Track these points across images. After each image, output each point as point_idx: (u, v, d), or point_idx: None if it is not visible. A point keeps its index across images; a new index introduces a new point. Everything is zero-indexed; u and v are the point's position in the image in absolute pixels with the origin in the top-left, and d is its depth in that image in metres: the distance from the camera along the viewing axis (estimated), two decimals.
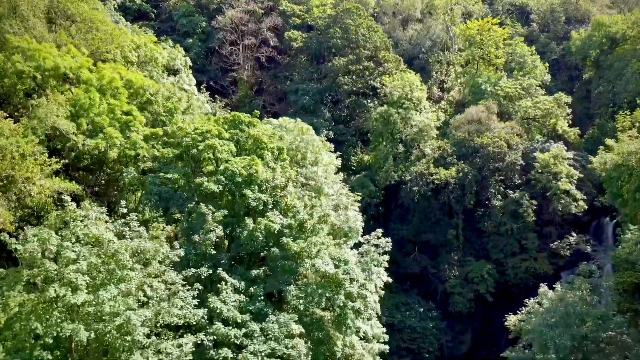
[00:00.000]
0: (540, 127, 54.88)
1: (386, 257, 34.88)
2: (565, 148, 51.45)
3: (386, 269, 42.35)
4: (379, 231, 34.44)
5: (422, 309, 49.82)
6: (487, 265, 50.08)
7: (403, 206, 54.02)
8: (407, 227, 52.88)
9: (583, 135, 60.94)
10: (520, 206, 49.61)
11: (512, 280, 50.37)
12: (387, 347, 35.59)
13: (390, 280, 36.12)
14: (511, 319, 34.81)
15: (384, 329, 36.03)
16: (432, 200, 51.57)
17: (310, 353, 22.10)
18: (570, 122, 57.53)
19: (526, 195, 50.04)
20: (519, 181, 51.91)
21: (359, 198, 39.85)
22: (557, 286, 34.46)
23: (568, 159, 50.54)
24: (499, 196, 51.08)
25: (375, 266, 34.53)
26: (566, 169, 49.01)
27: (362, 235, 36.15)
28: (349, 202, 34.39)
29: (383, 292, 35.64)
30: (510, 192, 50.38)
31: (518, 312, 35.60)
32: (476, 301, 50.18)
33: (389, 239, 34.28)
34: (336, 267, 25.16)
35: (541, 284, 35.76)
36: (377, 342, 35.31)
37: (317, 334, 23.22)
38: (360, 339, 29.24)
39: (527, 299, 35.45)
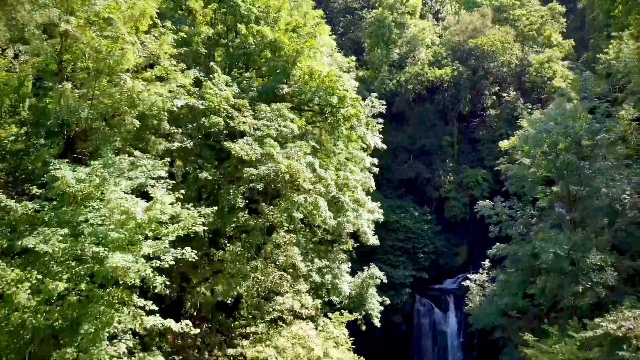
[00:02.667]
0: (535, 37, 54.73)
1: (380, 120, 34.48)
2: (560, 55, 51.43)
3: (381, 176, 41.82)
4: (374, 94, 34.05)
5: (417, 213, 49.61)
6: (482, 171, 49.91)
7: (398, 116, 53.67)
8: (402, 135, 52.62)
9: (579, 60, 60.93)
10: (514, 110, 49.45)
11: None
12: (381, 216, 35.47)
13: (384, 147, 35.81)
14: (504, 142, 34.48)
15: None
16: (427, 105, 51.36)
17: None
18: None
19: (521, 99, 49.95)
20: (514, 91, 51.83)
21: None
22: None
23: (562, 64, 50.51)
24: (494, 104, 50.96)
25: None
26: (561, 70, 48.92)
27: None
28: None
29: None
30: (504, 94, 50.21)
31: None
32: (471, 206, 49.91)
33: (383, 102, 33.88)
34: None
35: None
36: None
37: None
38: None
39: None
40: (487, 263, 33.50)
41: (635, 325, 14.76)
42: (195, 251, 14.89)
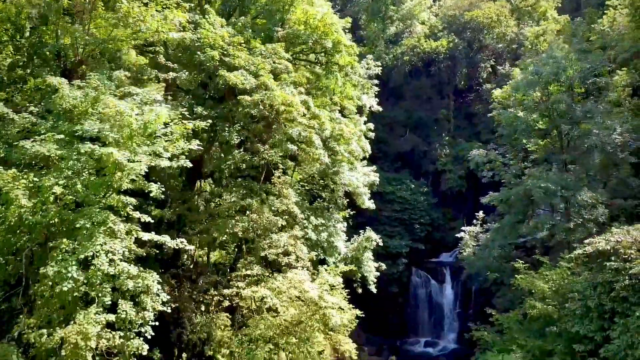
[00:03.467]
0: (530, 13, 54.98)
1: (375, 82, 34.77)
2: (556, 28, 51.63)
3: (377, 149, 42.04)
4: (370, 56, 34.30)
5: (413, 185, 49.87)
6: (478, 143, 50.13)
7: (395, 91, 53.93)
8: (398, 109, 52.87)
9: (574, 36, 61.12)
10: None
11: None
12: (377, 178, 35.75)
13: (380, 109, 36.17)
14: (497, 91, 34.63)
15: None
16: (423, 78, 51.60)
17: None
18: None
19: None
20: (510, 65, 52.02)
21: None
22: None
23: (557, 39, 50.66)
24: (490, 78, 51.20)
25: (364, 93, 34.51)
26: (557, 41, 49.08)
27: None
28: None
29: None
30: (500, 68, 50.44)
31: None
32: (467, 179, 50.23)
33: (379, 63, 34.12)
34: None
35: None
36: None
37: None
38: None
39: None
40: (480, 214, 33.80)
41: (624, 237, 14.97)
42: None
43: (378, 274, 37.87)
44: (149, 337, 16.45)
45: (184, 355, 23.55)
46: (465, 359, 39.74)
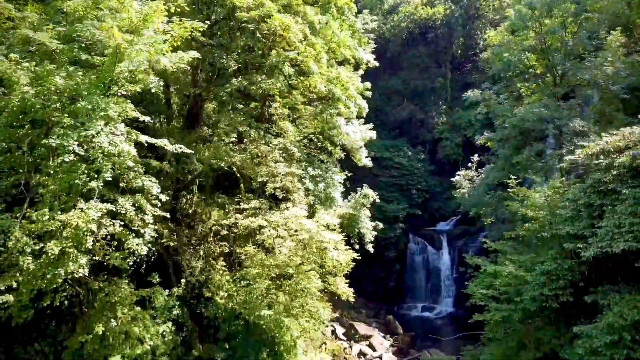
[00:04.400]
0: None
1: (372, 35, 35.01)
2: None
3: (375, 117, 42.25)
4: (366, 11, 34.58)
5: (410, 153, 50.21)
6: (474, 111, 50.44)
7: (392, 61, 54.20)
8: (396, 79, 53.19)
9: None
10: None
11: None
12: (374, 134, 36.04)
13: (377, 64, 36.40)
14: (491, 33, 34.65)
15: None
16: (420, 47, 51.88)
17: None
18: None
19: None
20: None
21: None
22: None
23: None
24: (486, 47, 51.37)
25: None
26: None
27: None
28: None
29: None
30: None
31: None
32: (464, 147, 50.55)
33: (375, 17, 34.44)
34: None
35: None
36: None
37: None
38: None
39: None
40: (475, 157, 34.16)
41: (612, 138, 15.14)
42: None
43: (375, 233, 38.25)
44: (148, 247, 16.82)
45: (183, 281, 23.82)
46: (462, 321, 40.21)
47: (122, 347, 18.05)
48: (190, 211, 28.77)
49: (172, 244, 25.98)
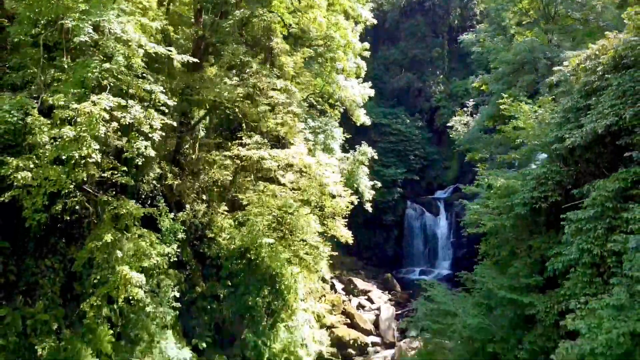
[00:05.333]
0: None
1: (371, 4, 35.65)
2: None
3: (373, 86, 42.80)
4: None
5: (408, 120, 50.97)
6: (472, 79, 51.17)
7: (390, 32, 54.89)
8: (394, 49, 53.92)
9: None
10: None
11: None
12: (372, 92, 36.73)
13: (375, 22, 37.04)
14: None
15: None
16: (418, 16, 52.63)
17: None
18: None
19: None
20: None
21: None
22: None
23: None
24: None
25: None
26: None
27: None
28: None
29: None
30: None
31: None
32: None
33: None
34: None
35: None
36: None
37: None
38: None
39: None
40: (471, 102, 34.93)
41: (601, 44, 15.74)
42: None
43: (373, 192, 39.02)
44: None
45: (187, 206, 24.54)
46: (459, 281, 41.03)
47: (130, 260, 18.77)
48: (193, 157, 29.53)
49: (175, 183, 26.74)
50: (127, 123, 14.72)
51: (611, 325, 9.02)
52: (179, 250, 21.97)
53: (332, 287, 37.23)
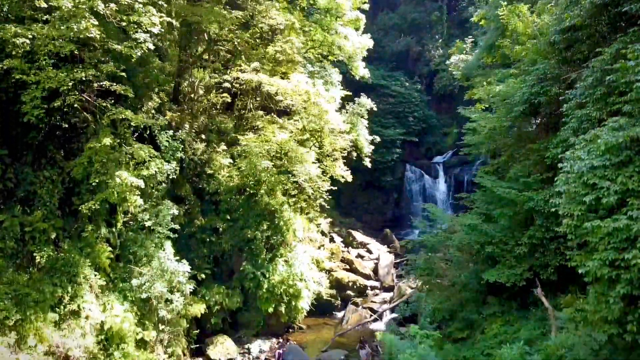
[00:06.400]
0: None
1: None
2: None
3: (373, 51, 42.70)
4: None
5: (407, 83, 50.92)
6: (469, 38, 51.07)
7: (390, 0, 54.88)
8: (393, 14, 53.84)
9: None
10: None
11: None
12: (371, 43, 36.63)
13: None
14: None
15: None
16: None
17: None
18: None
19: None
20: None
21: None
22: None
23: None
24: None
25: None
26: None
27: None
28: None
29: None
30: None
31: None
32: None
33: None
34: None
35: None
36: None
37: None
38: None
39: None
40: (469, 39, 34.88)
41: None
42: None
43: (372, 147, 38.94)
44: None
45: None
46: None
47: (128, 166, 18.74)
48: (192, 95, 29.46)
49: (174, 117, 26.70)
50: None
51: (610, 135, 8.99)
52: (177, 168, 21.91)
53: (332, 239, 37.23)
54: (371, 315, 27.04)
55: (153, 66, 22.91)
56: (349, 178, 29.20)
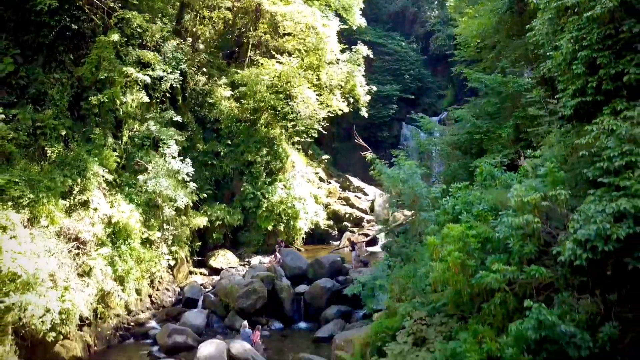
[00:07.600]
0: None
1: None
2: None
3: (369, 11, 43.26)
4: None
5: (403, 43, 51.76)
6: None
7: None
8: None
9: None
10: None
11: None
12: None
13: None
14: None
15: None
16: None
17: None
18: None
19: None
20: None
21: None
22: None
23: None
24: None
25: None
26: None
27: None
28: None
29: None
30: None
31: None
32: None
33: None
34: None
35: None
36: None
37: None
38: None
39: None
40: None
41: None
42: None
43: (369, 97, 39.78)
44: None
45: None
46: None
47: (135, 65, 19.65)
48: (193, 30, 30.33)
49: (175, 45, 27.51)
50: None
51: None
52: (181, 78, 22.79)
53: (329, 184, 38.18)
54: (367, 236, 28.08)
55: None
56: (346, 109, 30.11)
